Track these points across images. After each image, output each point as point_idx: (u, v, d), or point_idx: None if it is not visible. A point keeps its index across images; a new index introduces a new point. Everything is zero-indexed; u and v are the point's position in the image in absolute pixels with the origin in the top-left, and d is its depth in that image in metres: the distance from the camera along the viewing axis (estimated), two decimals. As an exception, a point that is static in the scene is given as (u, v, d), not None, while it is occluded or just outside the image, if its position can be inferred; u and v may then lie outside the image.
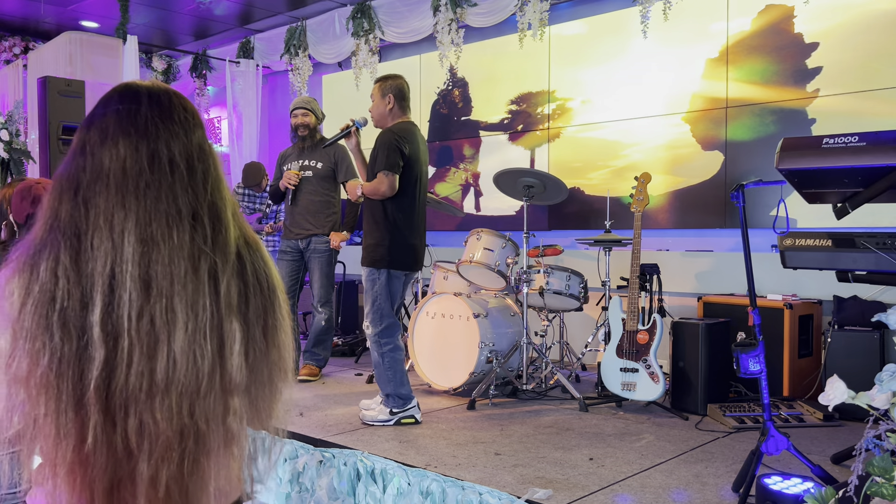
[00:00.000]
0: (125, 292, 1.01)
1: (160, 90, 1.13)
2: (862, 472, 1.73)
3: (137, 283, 1.02)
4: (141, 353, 1.02)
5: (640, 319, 4.07)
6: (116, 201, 1.04)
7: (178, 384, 1.04)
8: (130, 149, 1.06)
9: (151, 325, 1.02)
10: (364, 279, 3.82)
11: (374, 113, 3.92)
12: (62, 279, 1.01)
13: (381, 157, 3.72)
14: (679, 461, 3.18)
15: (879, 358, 3.77)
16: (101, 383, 1.00)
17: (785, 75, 4.83)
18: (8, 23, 7.64)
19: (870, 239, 2.99)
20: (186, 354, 1.04)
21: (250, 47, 7.73)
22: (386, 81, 3.91)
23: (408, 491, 2.96)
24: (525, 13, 5.55)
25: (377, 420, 3.78)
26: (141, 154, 1.06)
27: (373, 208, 3.81)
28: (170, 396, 1.03)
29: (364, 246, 3.85)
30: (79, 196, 1.04)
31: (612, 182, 5.56)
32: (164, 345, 1.03)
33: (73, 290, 1.01)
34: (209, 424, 1.06)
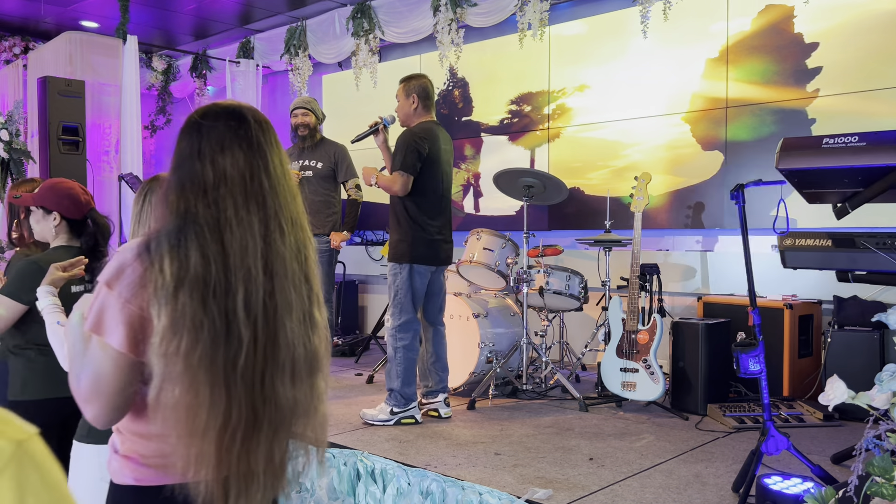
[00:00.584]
0: (258, 281, 1.22)
1: (260, 114, 1.36)
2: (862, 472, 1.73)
3: (264, 274, 1.23)
4: (268, 334, 1.23)
5: (640, 319, 4.07)
6: (241, 203, 1.24)
7: (291, 362, 1.26)
8: (247, 160, 1.27)
9: (275, 310, 1.24)
10: (389, 274, 3.89)
11: (399, 112, 4.00)
12: (213, 265, 1.19)
13: (399, 157, 3.83)
14: (679, 461, 3.18)
15: (879, 358, 3.77)
16: (246, 359, 1.20)
17: (785, 75, 4.83)
18: (8, 23, 7.64)
19: (870, 239, 2.99)
20: (296, 336, 1.26)
21: (250, 47, 7.73)
22: (410, 82, 3.96)
23: (408, 491, 2.96)
24: (525, 13, 5.54)
25: (378, 419, 3.79)
26: (257, 165, 1.28)
27: (395, 206, 3.90)
28: (286, 372, 1.25)
29: (389, 242, 3.95)
30: (208, 196, 1.23)
31: (612, 182, 5.56)
32: (284, 328, 1.25)
33: (220, 276, 1.19)
34: (307, 400, 1.29)
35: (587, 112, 5.78)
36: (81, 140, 6.32)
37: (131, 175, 6.17)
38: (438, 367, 4.02)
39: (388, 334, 3.87)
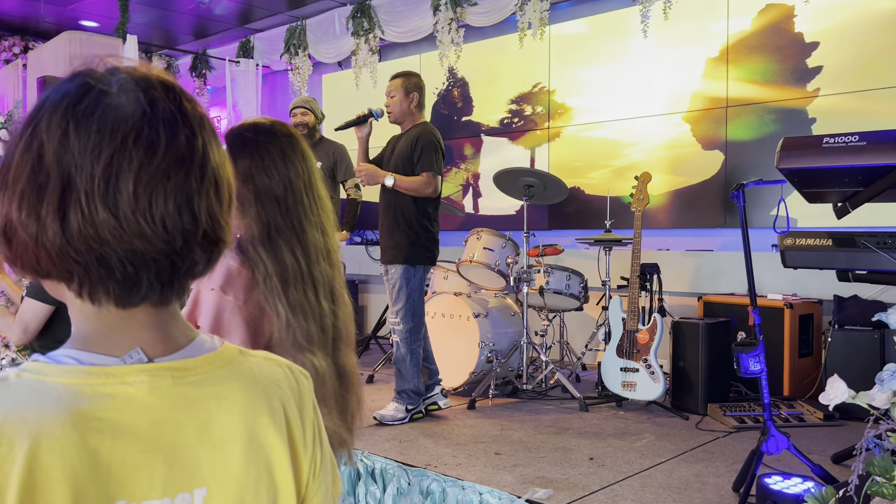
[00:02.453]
0: (325, 270, 1.50)
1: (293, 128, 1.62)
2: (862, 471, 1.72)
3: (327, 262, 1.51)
4: (336, 312, 1.52)
5: (641, 319, 4.06)
6: (308, 207, 1.50)
7: (348, 335, 1.55)
8: (304, 169, 1.52)
9: (335, 293, 1.53)
10: (395, 276, 3.81)
11: (394, 109, 3.92)
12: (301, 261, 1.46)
13: (427, 158, 3.79)
14: (679, 461, 3.17)
15: (879, 358, 3.77)
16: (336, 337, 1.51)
17: (785, 75, 4.83)
18: (8, 22, 7.64)
19: (870, 238, 2.99)
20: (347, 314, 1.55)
21: (250, 47, 7.73)
22: (409, 79, 3.93)
23: (408, 491, 2.96)
24: (525, 12, 5.54)
25: (396, 419, 3.81)
26: (311, 172, 1.53)
27: (403, 206, 3.82)
28: (349, 345, 1.55)
29: (393, 244, 3.84)
30: (282, 205, 1.47)
31: (612, 182, 5.56)
32: (343, 305, 1.54)
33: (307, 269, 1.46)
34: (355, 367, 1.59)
35: (587, 112, 5.77)
36: (81, 140, 6.32)
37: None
38: (429, 362, 4.05)
39: (401, 337, 3.82)
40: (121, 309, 0.69)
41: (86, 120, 0.65)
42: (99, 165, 0.64)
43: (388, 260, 3.87)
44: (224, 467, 0.71)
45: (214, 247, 0.72)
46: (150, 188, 0.66)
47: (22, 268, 0.69)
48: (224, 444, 0.71)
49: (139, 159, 0.65)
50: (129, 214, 0.65)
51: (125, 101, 0.67)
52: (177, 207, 0.67)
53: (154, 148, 0.66)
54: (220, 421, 0.71)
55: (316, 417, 0.81)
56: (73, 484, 0.62)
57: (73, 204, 0.64)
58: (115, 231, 0.65)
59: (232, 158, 1.49)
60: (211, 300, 1.45)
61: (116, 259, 0.66)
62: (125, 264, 0.66)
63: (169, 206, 0.66)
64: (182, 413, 0.69)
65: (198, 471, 0.69)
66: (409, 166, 3.83)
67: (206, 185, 0.69)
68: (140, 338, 0.70)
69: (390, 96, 3.94)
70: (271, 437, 0.74)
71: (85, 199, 0.64)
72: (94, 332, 0.70)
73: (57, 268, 0.66)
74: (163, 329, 0.72)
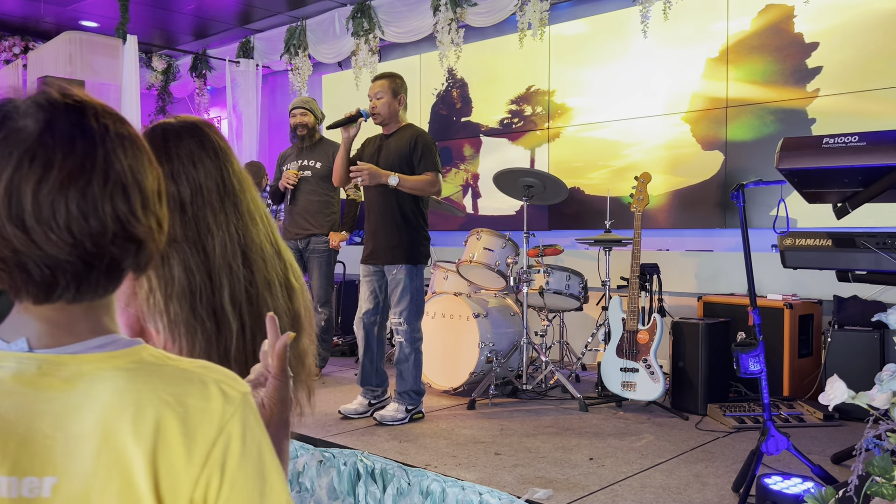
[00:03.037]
0: (239, 275, 1.33)
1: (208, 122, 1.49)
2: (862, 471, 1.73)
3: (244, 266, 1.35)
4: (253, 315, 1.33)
5: (640, 319, 4.06)
6: (218, 208, 1.36)
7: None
8: (216, 166, 1.39)
9: (257, 294, 1.35)
10: (399, 277, 3.81)
11: (382, 110, 3.90)
12: (197, 274, 1.30)
13: (429, 158, 3.82)
14: (679, 461, 3.18)
15: (879, 358, 3.77)
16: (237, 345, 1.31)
17: (785, 75, 4.83)
18: (8, 23, 7.64)
19: (870, 239, 2.99)
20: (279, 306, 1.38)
21: (250, 47, 7.73)
22: (395, 80, 3.93)
23: (408, 491, 2.96)
24: (525, 13, 5.54)
25: (396, 420, 3.80)
26: (226, 169, 1.40)
27: (403, 206, 3.83)
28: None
29: (394, 244, 3.83)
30: (187, 213, 1.34)
31: (612, 182, 5.56)
32: (267, 304, 1.36)
33: (205, 281, 1.30)
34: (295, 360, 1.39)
35: (587, 112, 5.78)
36: (81, 140, 6.32)
37: (131, 175, 6.16)
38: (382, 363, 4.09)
39: (406, 337, 3.82)
40: (35, 305, 0.76)
41: None
42: (2, 183, 0.71)
43: (387, 260, 3.84)
44: (74, 462, 0.73)
45: (133, 244, 0.77)
46: (49, 199, 0.72)
47: None
48: (78, 439, 0.73)
49: (36, 175, 0.72)
50: (35, 225, 0.71)
51: (25, 125, 0.74)
52: (81, 213, 0.73)
53: (50, 163, 0.72)
54: (79, 416, 0.74)
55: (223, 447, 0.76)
56: None
57: None
58: (23, 241, 0.72)
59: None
60: None
61: (33, 264, 0.73)
62: (41, 268, 0.73)
63: (73, 213, 0.72)
64: (41, 402, 0.74)
65: (50, 459, 0.73)
66: (407, 167, 3.82)
67: (110, 190, 0.75)
68: (32, 329, 0.76)
69: (377, 97, 3.89)
70: (128, 445, 0.74)
71: None
72: (9, 320, 0.77)
73: None
74: (59, 324, 0.77)
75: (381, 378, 4.00)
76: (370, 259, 3.91)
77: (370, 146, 4.02)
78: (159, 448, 0.74)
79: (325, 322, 4.93)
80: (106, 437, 0.74)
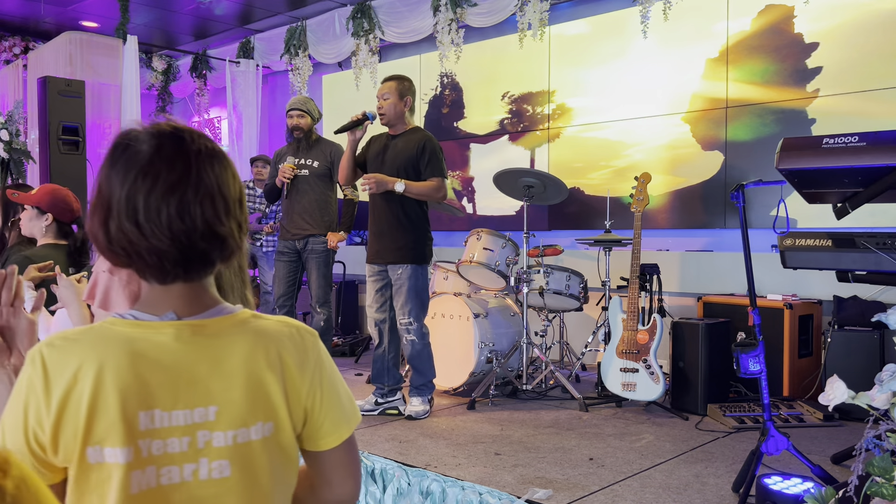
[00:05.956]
0: None
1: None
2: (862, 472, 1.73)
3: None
4: None
5: (640, 319, 4.06)
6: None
7: None
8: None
9: None
10: (403, 276, 3.87)
11: (388, 112, 3.94)
12: None
13: (436, 163, 3.89)
14: (679, 461, 3.18)
15: (879, 358, 3.77)
16: None
17: (785, 75, 4.83)
18: (8, 23, 7.64)
19: (870, 239, 2.99)
20: None
21: (250, 47, 7.73)
22: (403, 82, 3.96)
23: (408, 491, 2.96)
24: (525, 13, 5.54)
25: (424, 413, 3.93)
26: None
27: (408, 208, 3.89)
28: None
29: (399, 245, 3.89)
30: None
31: (612, 182, 5.56)
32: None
33: None
34: None
35: (587, 112, 5.78)
36: (81, 140, 6.32)
37: (131, 175, 6.16)
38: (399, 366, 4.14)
39: (416, 335, 3.89)
40: (162, 285, 1.04)
41: (116, 163, 1.01)
42: (123, 192, 0.99)
43: (391, 260, 3.89)
44: (229, 393, 1.03)
45: (217, 241, 1.03)
46: (156, 204, 0.98)
47: (108, 261, 1.05)
48: (229, 377, 1.03)
49: (147, 186, 0.99)
50: (145, 223, 0.98)
51: (141, 149, 1.01)
52: (178, 215, 0.99)
53: (158, 177, 0.99)
54: (227, 361, 1.04)
55: (318, 365, 1.11)
56: (121, 391, 0.97)
57: (111, 219, 1.00)
58: (136, 235, 0.99)
59: None
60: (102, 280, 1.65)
61: (145, 253, 1.00)
62: (151, 256, 1.00)
63: (172, 215, 0.99)
64: (198, 354, 1.03)
65: (210, 393, 1.02)
66: (412, 171, 3.88)
67: (200, 198, 1.00)
68: (173, 304, 1.05)
69: (383, 98, 3.95)
70: (267, 374, 1.05)
71: (116, 214, 0.99)
72: (146, 299, 1.05)
73: (117, 259, 1.02)
74: (191, 298, 1.06)
75: (393, 378, 4.05)
76: (376, 259, 3.96)
77: (376, 144, 4.05)
78: (285, 373, 1.07)
79: (324, 322, 4.92)
80: (249, 371, 1.04)
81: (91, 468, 0.97)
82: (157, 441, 0.99)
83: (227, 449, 1.03)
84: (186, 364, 1.01)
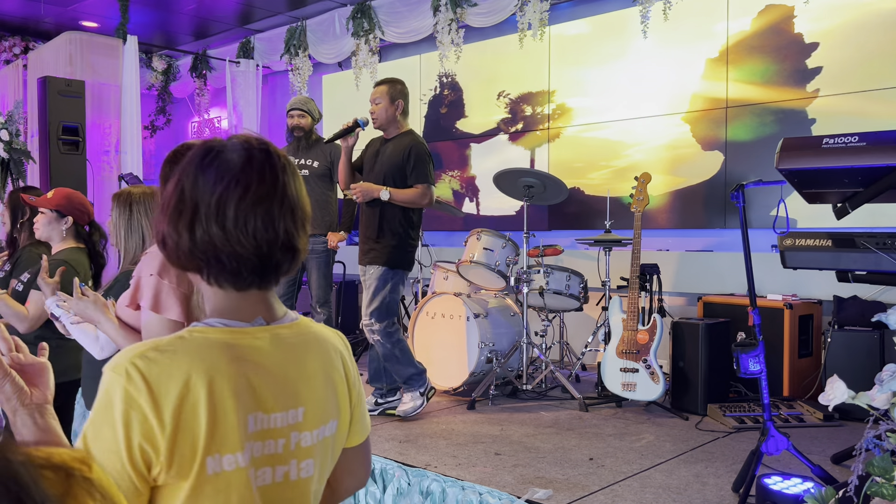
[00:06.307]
0: None
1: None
2: (862, 472, 1.73)
3: None
4: None
5: (640, 319, 4.06)
6: None
7: None
8: None
9: None
10: (373, 277, 3.85)
11: (379, 116, 3.93)
12: None
13: (421, 169, 3.83)
14: (679, 461, 3.18)
15: (879, 358, 3.77)
16: None
17: (785, 75, 4.83)
18: (8, 23, 7.64)
19: (870, 239, 2.99)
20: None
21: (250, 47, 7.73)
22: (395, 86, 3.94)
23: (408, 491, 2.96)
24: (525, 13, 5.54)
25: (417, 409, 3.89)
26: None
27: (391, 214, 3.85)
28: None
29: (374, 246, 3.89)
30: None
31: (612, 182, 5.56)
32: None
33: None
34: None
35: (587, 112, 5.78)
36: (81, 140, 6.32)
37: (131, 175, 6.16)
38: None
39: (381, 335, 3.85)
40: (237, 291, 1.06)
41: (207, 169, 1.03)
42: (214, 198, 1.01)
43: (367, 261, 3.89)
44: (313, 393, 1.09)
45: (292, 252, 1.07)
46: (245, 212, 1.01)
47: (173, 264, 1.06)
48: (312, 379, 1.10)
49: (238, 194, 1.01)
50: (232, 229, 1.01)
51: (232, 157, 1.03)
52: (264, 225, 1.02)
53: (249, 186, 1.02)
54: (308, 364, 1.10)
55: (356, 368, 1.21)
56: (236, 396, 0.99)
57: (197, 222, 1.01)
58: (222, 240, 1.01)
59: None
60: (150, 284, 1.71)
61: (225, 258, 1.02)
62: (231, 262, 1.02)
63: (258, 225, 1.02)
64: (288, 358, 1.07)
65: (299, 395, 1.07)
66: (400, 176, 3.85)
67: (285, 211, 1.04)
68: (258, 310, 1.08)
69: (375, 103, 3.94)
70: (336, 374, 1.14)
71: (205, 219, 1.01)
72: (227, 307, 1.06)
73: (191, 263, 1.04)
74: (269, 304, 1.10)
75: (390, 378, 4.05)
76: (360, 260, 3.97)
77: (371, 148, 4.06)
78: (346, 374, 1.17)
79: (324, 322, 4.93)
80: (325, 372, 1.12)
81: (207, 480, 0.96)
82: (258, 443, 1.01)
83: (312, 448, 1.08)
84: (281, 367, 1.06)
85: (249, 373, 1.01)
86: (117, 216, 2.37)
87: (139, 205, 2.35)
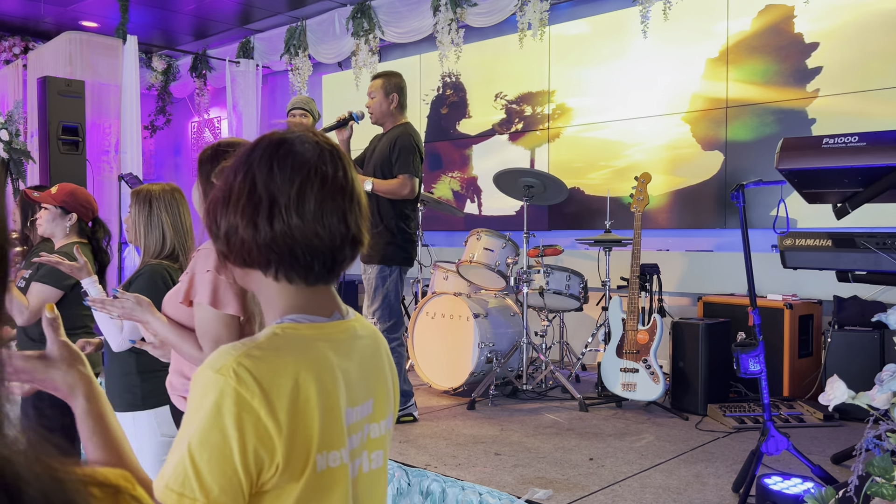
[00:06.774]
0: None
1: None
2: (862, 472, 1.73)
3: None
4: None
5: (640, 319, 4.06)
6: None
7: None
8: None
9: None
10: (371, 276, 3.81)
11: (375, 110, 3.92)
12: None
13: (404, 160, 3.77)
14: (679, 461, 3.17)
15: (879, 358, 3.77)
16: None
17: (785, 75, 4.83)
18: (8, 23, 7.64)
19: (870, 239, 2.99)
20: None
21: (250, 47, 7.73)
22: (390, 79, 3.91)
23: (408, 491, 2.96)
24: (525, 13, 5.54)
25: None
26: None
27: (381, 208, 3.81)
28: None
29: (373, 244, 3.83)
30: None
31: (612, 182, 5.56)
32: None
33: None
34: None
35: (587, 112, 5.78)
36: (81, 140, 6.32)
37: (131, 175, 6.17)
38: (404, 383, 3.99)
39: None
40: (308, 287, 1.04)
41: (283, 160, 1.01)
42: (293, 189, 1.00)
43: (364, 259, 3.86)
44: (379, 385, 1.12)
45: (357, 246, 1.07)
46: (323, 205, 1.01)
47: (234, 261, 1.04)
48: (378, 371, 1.13)
49: (317, 186, 1.01)
50: (311, 221, 1.00)
51: (306, 149, 1.03)
52: (338, 219, 1.02)
53: (326, 179, 1.02)
54: (373, 357, 1.13)
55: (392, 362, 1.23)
56: (338, 391, 1.00)
57: (277, 214, 0.99)
58: (301, 232, 0.99)
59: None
60: (207, 280, 1.68)
61: (300, 251, 1.00)
62: (305, 255, 1.01)
63: (334, 218, 1.01)
64: (364, 352, 1.10)
65: (371, 387, 1.10)
66: (387, 168, 3.82)
67: (354, 205, 1.04)
68: (333, 305, 1.08)
69: (371, 97, 3.92)
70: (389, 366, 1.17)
71: (285, 210, 0.99)
72: (304, 303, 1.05)
73: (262, 258, 1.01)
74: (337, 299, 1.10)
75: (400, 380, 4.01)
76: (360, 258, 3.94)
77: (370, 145, 4.05)
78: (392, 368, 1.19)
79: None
80: (385, 365, 1.16)
81: (316, 479, 0.95)
82: (352, 437, 1.03)
83: (380, 440, 1.10)
84: (359, 361, 1.08)
85: (343, 368, 1.03)
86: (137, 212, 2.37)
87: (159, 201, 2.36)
